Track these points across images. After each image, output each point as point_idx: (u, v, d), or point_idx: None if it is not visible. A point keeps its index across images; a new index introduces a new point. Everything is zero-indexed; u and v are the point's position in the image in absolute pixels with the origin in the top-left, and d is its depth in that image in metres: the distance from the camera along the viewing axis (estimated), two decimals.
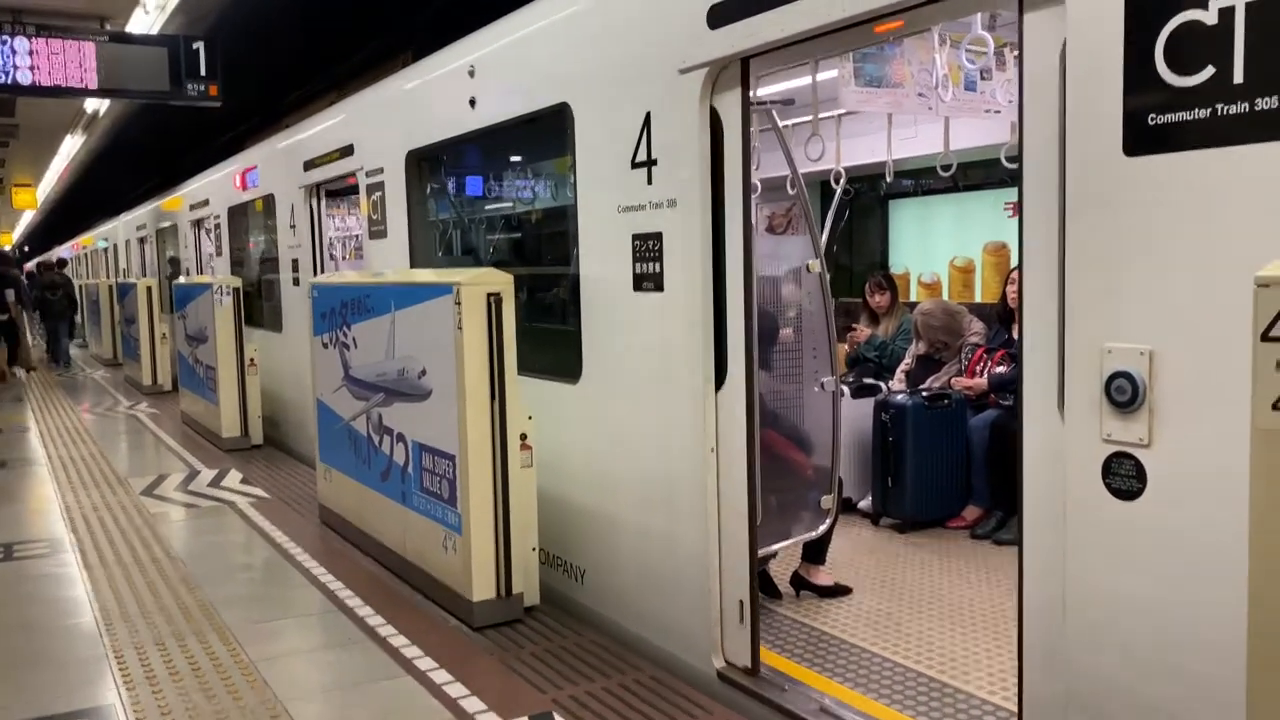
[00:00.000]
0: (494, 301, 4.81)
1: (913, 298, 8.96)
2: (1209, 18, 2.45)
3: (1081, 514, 2.81)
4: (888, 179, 6.99)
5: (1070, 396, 2.83)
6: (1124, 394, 2.66)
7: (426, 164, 7.09)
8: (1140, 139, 2.62)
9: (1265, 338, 1.78)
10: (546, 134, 5.68)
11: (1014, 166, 3.96)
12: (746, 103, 4.04)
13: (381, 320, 5.73)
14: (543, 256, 6.72)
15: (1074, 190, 2.78)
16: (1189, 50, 2.50)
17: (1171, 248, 2.57)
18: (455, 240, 7.74)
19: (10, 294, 16.58)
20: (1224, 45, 2.43)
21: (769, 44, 3.79)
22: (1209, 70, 2.46)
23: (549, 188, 6.86)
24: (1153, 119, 2.58)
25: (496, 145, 6.63)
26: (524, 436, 4.92)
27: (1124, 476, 2.70)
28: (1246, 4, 2.38)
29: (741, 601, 4.21)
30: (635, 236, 4.61)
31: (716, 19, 4.03)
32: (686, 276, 4.32)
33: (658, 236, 4.49)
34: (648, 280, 4.57)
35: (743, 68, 4.00)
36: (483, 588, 4.91)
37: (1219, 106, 2.45)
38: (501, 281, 4.90)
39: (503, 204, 7.33)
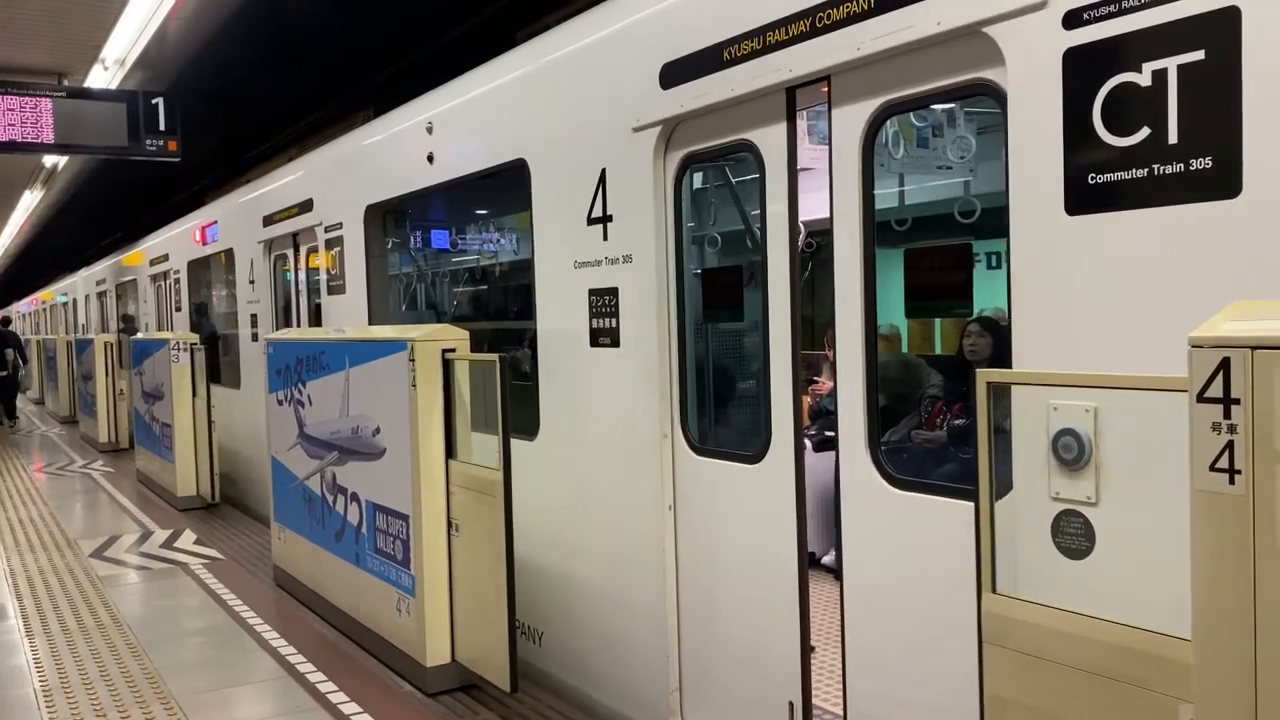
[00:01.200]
0: (448, 359, 4.76)
1: None
2: (1143, 79, 2.49)
3: None
4: None
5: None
6: (1070, 451, 2.66)
7: (386, 218, 7.07)
8: (1081, 198, 2.64)
9: (1200, 399, 1.78)
10: (504, 190, 5.69)
11: (967, 221, 4.04)
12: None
13: (336, 377, 5.66)
14: (500, 311, 6.70)
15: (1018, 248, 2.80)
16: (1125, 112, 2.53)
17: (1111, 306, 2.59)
18: (419, 295, 7.70)
19: (10, 352, 16.95)
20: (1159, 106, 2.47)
21: (715, 104, 3.83)
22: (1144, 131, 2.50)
23: (507, 243, 6.86)
24: (1093, 179, 2.61)
25: (455, 200, 6.63)
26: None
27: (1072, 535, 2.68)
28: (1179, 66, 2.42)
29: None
30: (591, 291, 4.60)
31: (669, 79, 4.07)
32: (642, 332, 4.30)
33: (613, 291, 4.47)
34: (604, 335, 4.55)
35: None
36: (436, 652, 4.79)
37: (1155, 167, 2.48)
38: (456, 338, 4.86)
39: (461, 259, 7.32)
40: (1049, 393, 2.71)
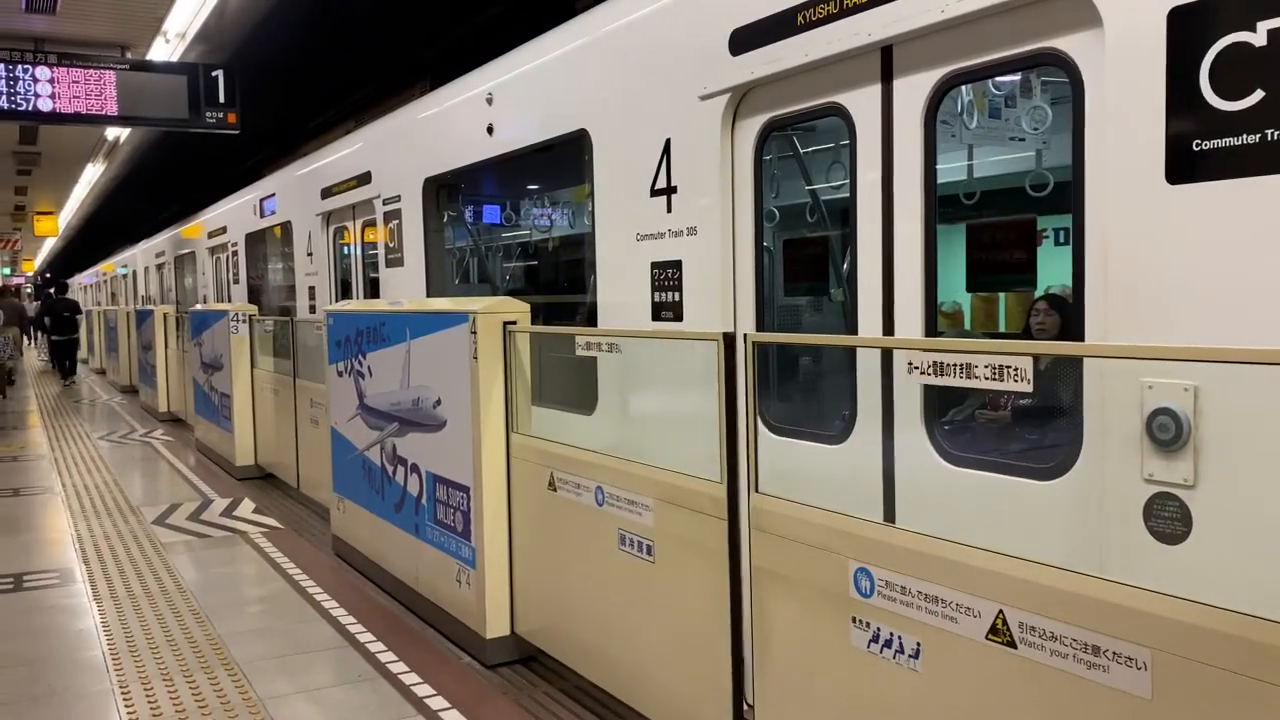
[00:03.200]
0: (510, 330, 4.72)
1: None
2: (1257, 39, 2.36)
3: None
4: None
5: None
6: (1167, 431, 2.54)
7: (444, 191, 7.04)
8: (1184, 166, 2.52)
9: None
10: (565, 161, 5.62)
11: (1039, 195, 3.89)
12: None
13: (397, 349, 5.66)
14: (560, 284, 6.65)
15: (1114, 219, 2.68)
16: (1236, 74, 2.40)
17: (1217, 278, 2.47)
18: (472, 268, 7.68)
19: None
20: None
21: (793, 68, 3.71)
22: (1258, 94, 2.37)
23: (567, 215, 6.80)
24: (1197, 145, 2.48)
25: (514, 172, 6.58)
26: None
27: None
28: None
29: None
30: (654, 265, 4.53)
31: (739, 45, 3.97)
32: (707, 305, 4.22)
33: (677, 265, 4.40)
34: (667, 309, 4.48)
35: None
36: (496, 624, 4.79)
37: (1269, 132, 2.35)
38: (518, 310, 4.83)
39: (520, 231, 7.28)
40: (1142, 369, 2.59)
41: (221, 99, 9.31)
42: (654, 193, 4.52)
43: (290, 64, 11.20)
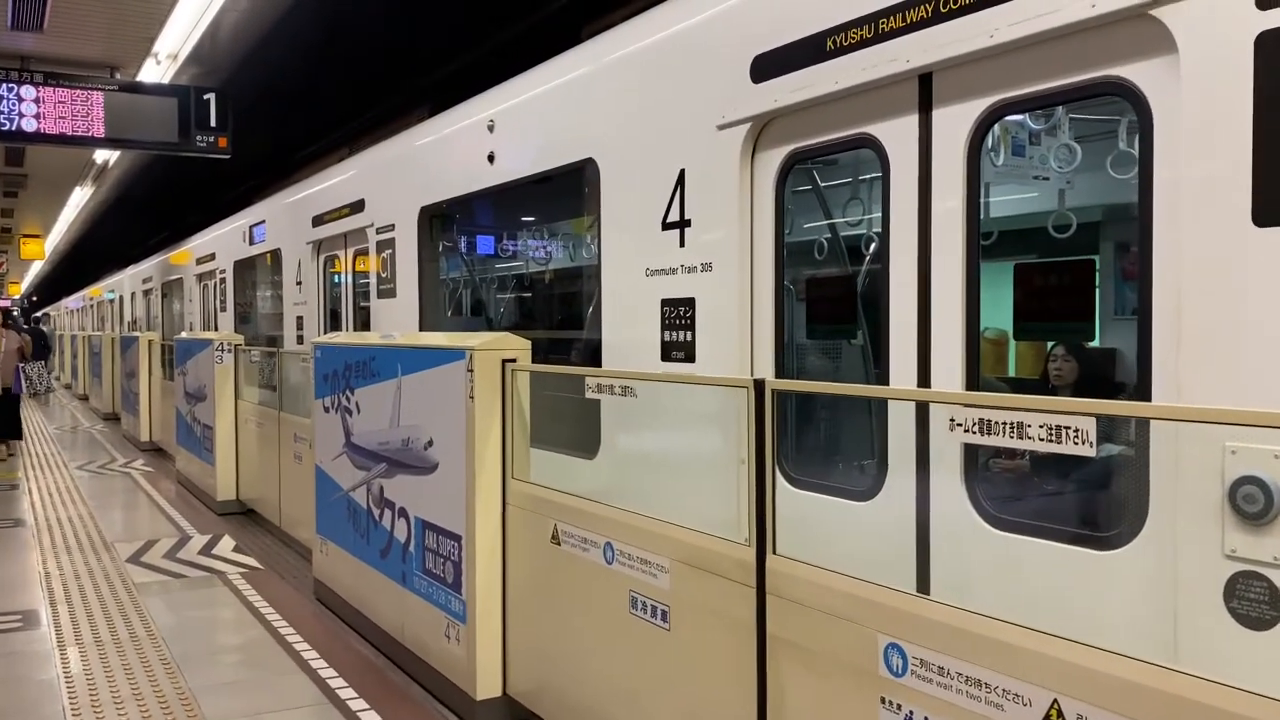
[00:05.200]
0: (509, 369, 4.44)
1: None
2: None
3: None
4: None
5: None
6: (1255, 503, 2.27)
7: (440, 221, 6.78)
8: (1273, 207, 2.26)
9: None
10: (570, 191, 5.37)
11: (1062, 236, 3.64)
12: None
13: (387, 385, 5.36)
14: (562, 320, 6.37)
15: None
16: None
17: None
18: (467, 301, 7.41)
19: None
20: None
21: (821, 96, 3.47)
22: None
23: (570, 248, 6.54)
24: None
25: (515, 202, 6.33)
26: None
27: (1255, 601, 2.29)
28: None
29: None
30: (665, 302, 4.26)
31: (761, 72, 3.73)
32: (722, 346, 3.95)
33: (689, 302, 4.13)
34: (678, 349, 4.20)
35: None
36: (487, 685, 4.46)
37: None
38: (518, 347, 4.54)
39: (520, 264, 7.02)
40: (1224, 434, 2.32)
41: (213, 123, 9.04)
42: (665, 226, 4.26)
43: (285, 89, 10.97)
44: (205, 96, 8.92)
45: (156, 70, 9.43)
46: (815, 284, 4.02)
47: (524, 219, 6.92)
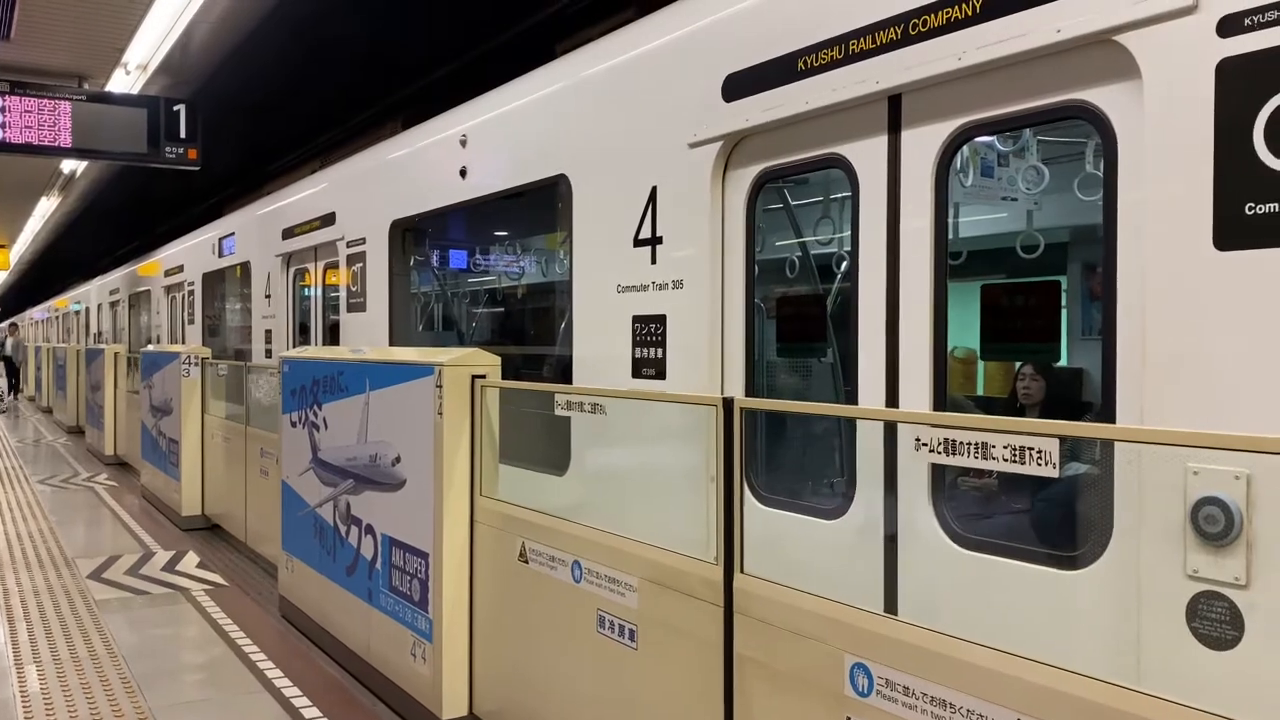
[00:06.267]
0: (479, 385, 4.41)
1: None
2: None
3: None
4: None
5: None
6: (1215, 524, 2.29)
7: (411, 235, 6.75)
8: (1234, 231, 2.29)
9: None
10: (542, 206, 5.37)
11: (1030, 257, 3.68)
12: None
13: (355, 400, 5.32)
14: (533, 336, 6.35)
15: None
16: None
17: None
18: (438, 316, 7.37)
19: None
20: None
21: (792, 116, 3.49)
22: None
23: (542, 263, 6.53)
24: (1250, 209, 2.26)
25: (487, 217, 6.31)
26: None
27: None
28: None
29: None
30: (636, 319, 4.26)
31: (733, 91, 3.74)
32: (692, 363, 3.95)
33: (660, 319, 4.13)
34: (648, 366, 4.20)
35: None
36: (454, 704, 4.41)
37: None
38: (488, 363, 4.52)
39: (491, 279, 6.99)
40: (1186, 455, 2.34)
41: (183, 134, 8.97)
42: (637, 243, 4.26)
43: (257, 100, 10.89)
44: (175, 108, 8.85)
45: (126, 80, 9.34)
46: (786, 302, 4.04)
47: (496, 234, 6.91)
